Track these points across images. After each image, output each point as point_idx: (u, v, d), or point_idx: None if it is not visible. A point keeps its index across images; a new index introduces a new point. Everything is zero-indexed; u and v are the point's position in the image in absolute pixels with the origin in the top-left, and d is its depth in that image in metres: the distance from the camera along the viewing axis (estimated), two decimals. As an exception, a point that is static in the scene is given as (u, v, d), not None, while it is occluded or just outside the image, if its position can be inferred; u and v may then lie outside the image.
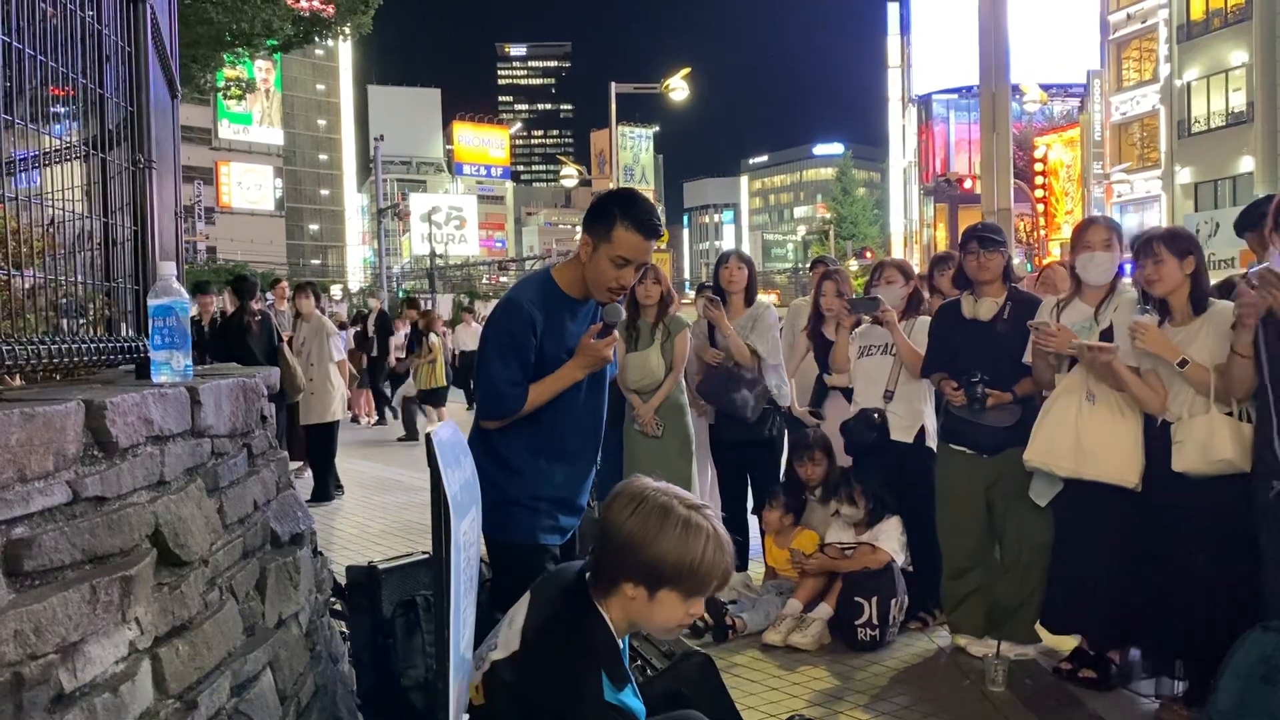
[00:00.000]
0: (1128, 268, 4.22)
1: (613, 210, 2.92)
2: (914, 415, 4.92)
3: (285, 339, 8.84)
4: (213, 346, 8.56)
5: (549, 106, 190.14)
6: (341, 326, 17.77)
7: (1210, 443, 3.53)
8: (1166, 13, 34.49)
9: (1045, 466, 4.08)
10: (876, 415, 4.95)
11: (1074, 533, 4.12)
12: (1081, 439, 3.93)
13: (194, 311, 8.20)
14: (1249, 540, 3.49)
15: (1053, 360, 4.17)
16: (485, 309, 24.72)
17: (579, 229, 3.08)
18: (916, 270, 5.55)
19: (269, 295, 12.64)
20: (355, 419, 15.84)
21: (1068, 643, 4.32)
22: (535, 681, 2.01)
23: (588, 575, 2.13)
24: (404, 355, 14.10)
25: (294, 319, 9.79)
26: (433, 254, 56.45)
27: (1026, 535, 4.32)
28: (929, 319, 4.87)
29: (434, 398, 13.24)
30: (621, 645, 2.11)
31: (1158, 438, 3.78)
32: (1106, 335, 3.98)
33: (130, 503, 2.03)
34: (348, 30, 17.22)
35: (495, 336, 2.98)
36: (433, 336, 13.11)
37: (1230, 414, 3.55)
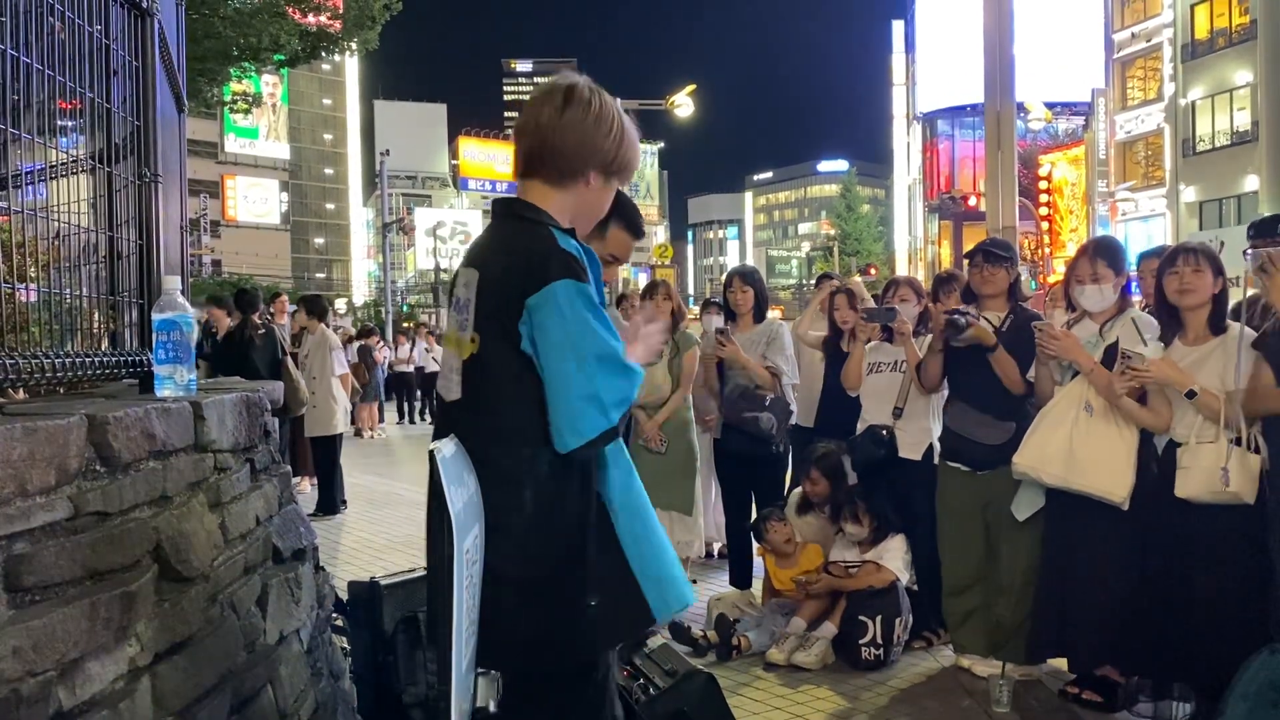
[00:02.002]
0: (1135, 285, 4.21)
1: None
2: (922, 433, 4.90)
3: (289, 353, 8.84)
4: (215, 360, 8.56)
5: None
6: (348, 340, 17.82)
7: (1217, 472, 3.50)
8: (1171, 32, 34.58)
9: (1033, 473, 4.03)
10: (885, 432, 4.93)
11: (1059, 552, 4.08)
12: (1074, 448, 3.88)
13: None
14: (1253, 561, 3.47)
15: (1056, 376, 4.15)
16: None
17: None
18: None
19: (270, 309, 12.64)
20: (359, 433, 15.86)
21: (1073, 663, 4.29)
22: (507, 274, 2.05)
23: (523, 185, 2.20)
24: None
25: (300, 332, 9.79)
26: (437, 268, 56.53)
27: (1022, 556, 4.29)
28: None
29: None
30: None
31: (1164, 460, 3.76)
32: (1110, 351, 3.95)
33: (132, 518, 2.02)
34: (354, 45, 17.25)
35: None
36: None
37: (1237, 441, 3.51)
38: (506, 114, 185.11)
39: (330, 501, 8.83)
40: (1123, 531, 3.84)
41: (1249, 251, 3.56)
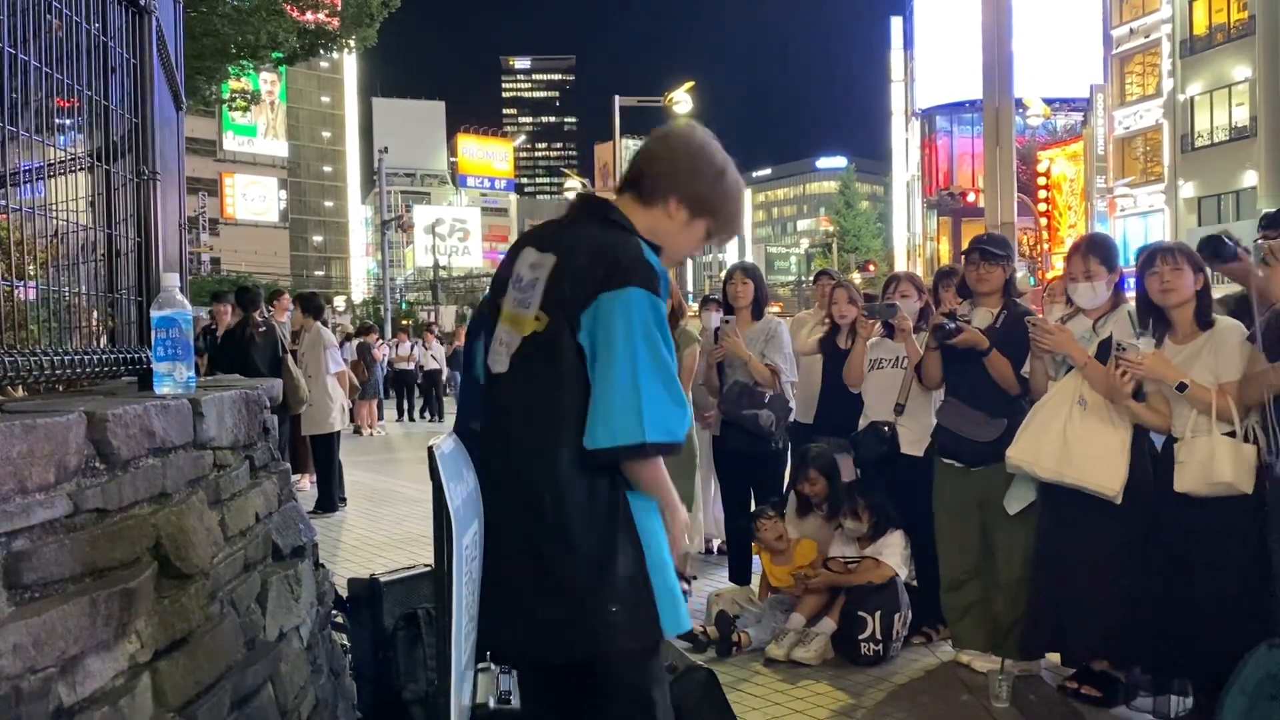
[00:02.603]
0: (1130, 281, 4.21)
1: None
2: (924, 429, 4.89)
3: (290, 350, 8.84)
4: (215, 357, 8.56)
5: (553, 119, 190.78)
6: (348, 338, 17.81)
7: (1211, 464, 3.50)
8: (1169, 27, 34.57)
9: (1027, 467, 4.04)
10: (887, 429, 4.93)
11: (1054, 547, 4.08)
12: (1068, 442, 3.89)
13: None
14: (1253, 556, 3.47)
15: (1050, 371, 4.16)
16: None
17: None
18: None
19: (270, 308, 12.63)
20: (358, 430, 15.87)
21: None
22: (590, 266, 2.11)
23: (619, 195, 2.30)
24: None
25: (300, 330, 9.78)
26: (436, 266, 56.56)
27: (1018, 551, 4.29)
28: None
29: None
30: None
31: (1164, 455, 3.76)
32: (1104, 346, 3.96)
33: (132, 515, 2.02)
34: (353, 43, 17.25)
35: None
36: None
37: (1232, 434, 3.52)
38: (505, 111, 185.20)
39: (329, 499, 8.84)
40: (1117, 526, 3.85)
41: (1256, 243, 3.57)
